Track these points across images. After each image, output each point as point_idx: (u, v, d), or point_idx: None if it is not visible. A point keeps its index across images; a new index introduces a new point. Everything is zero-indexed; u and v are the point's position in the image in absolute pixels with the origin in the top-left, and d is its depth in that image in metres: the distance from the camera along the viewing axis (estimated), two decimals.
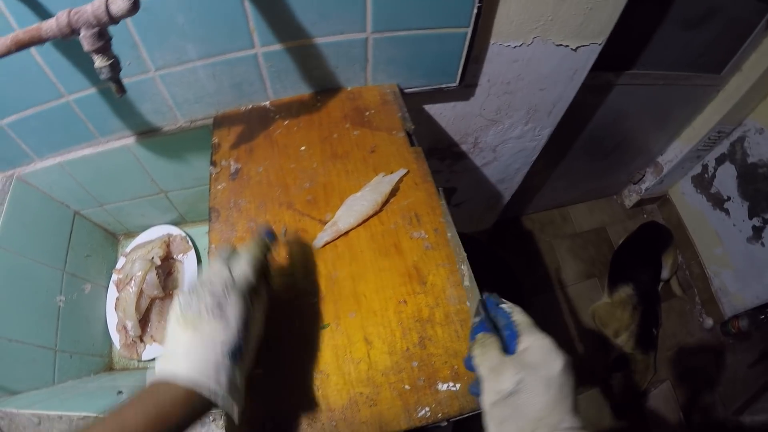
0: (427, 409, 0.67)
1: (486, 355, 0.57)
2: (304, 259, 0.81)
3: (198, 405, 0.54)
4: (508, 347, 0.58)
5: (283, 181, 0.91)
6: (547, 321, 2.19)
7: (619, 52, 1.35)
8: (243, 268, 0.65)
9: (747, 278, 2.12)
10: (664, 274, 2.29)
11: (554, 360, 0.54)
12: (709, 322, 2.31)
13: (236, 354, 0.58)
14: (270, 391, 0.71)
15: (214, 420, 0.79)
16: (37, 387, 1.08)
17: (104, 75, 0.69)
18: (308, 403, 0.69)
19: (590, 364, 2.16)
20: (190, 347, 0.56)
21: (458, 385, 0.68)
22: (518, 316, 0.60)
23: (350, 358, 0.71)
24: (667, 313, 2.31)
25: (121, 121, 1.04)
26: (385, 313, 0.74)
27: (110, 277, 1.40)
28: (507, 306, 0.62)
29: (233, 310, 0.60)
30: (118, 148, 1.11)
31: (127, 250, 1.41)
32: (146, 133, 1.08)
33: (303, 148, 0.95)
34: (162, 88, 0.96)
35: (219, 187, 0.93)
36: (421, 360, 0.70)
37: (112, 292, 1.37)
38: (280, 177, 0.92)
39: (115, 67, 0.70)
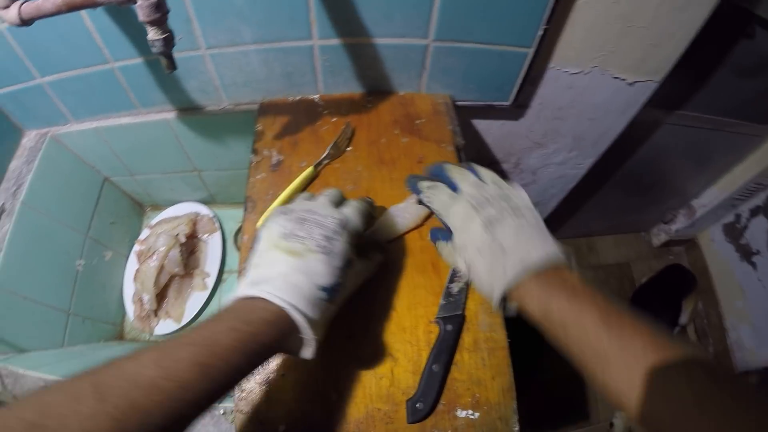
0: None
1: (438, 193, 0.68)
2: None
3: (285, 330, 0.53)
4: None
5: (325, 180, 0.89)
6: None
7: (672, 92, 1.32)
8: (354, 216, 0.66)
9: (765, 336, 2.07)
10: (683, 319, 2.24)
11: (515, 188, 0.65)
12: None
13: (332, 292, 0.58)
14: (288, 393, 0.69)
15: (224, 413, 0.77)
16: (45, 347, 1.08)
17: (156, 48, 0.68)
18: (325, 411, 0.68)
19: (594, 401, 2.12)
20: (289, 272, 0.56)
21: (477, 414, 0.66)
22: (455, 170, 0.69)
23: (373, 371, 0.70)
24: None
25: (164, 94, 1.03)
26: (414, 331, 0.72)
27: (132, 247, 1.40)
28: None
29: (340, 250, 0.61)
30: (157, 121, 1.10)
31: (153, 222, 1.41)
32: (188, 110, 1.07)
33: (349, 148, 0.93)
34: (210, 68, 0.95)
35: (258, 176, 0.91)
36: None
37: (132, 263, 1.37)
38: (323, 175, 0.90)
39: (168, 41, 0.68)
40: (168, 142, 1.18)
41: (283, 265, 0.57)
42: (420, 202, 0.73)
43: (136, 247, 1.39)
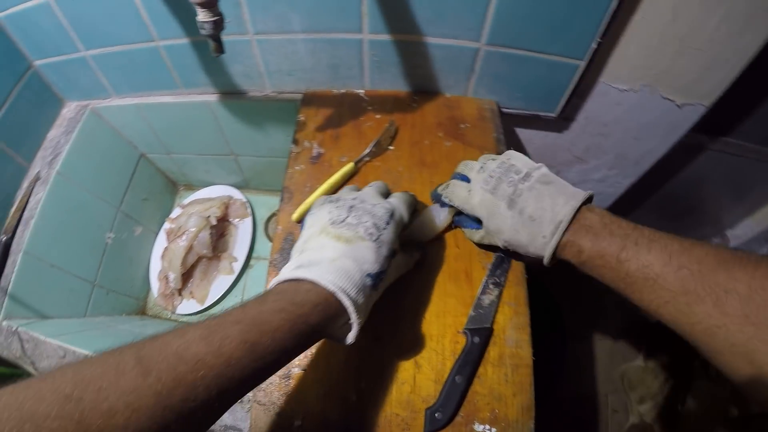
0: None
1: (455, 189, 0.73)
2: None
3: (332, 313, 0.53)
4: None
5: (364, 178, 0.88)
6: (578, 367, 2.12)
7: (719, 118, 1.29)
8: (401, 207, 0.67)
9: None
10: None
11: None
12: (734, 411, 2.21)
13: (377, 280, 0.59)
14: (308, 389, 0.69)
15: (240, 402, 0.77)
16: (68, 316, 1.09)
17: (206, 31, 0.68)
18: (343, 411, 0.67)
19: (606, 423, 2.09)
20: (338, 257, 0.56)
21: (494, 430, 0.65)
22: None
23: (396, 377, 0.69)
24: (694, 393, 2.22)
25: (207, 76, 1.04)
26: (441, 339, 0.71)
27: (162, 224, 1.42)
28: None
29: (387, 238, 0.61)
30: (198, 102, 1.11)
31: (185, 202, 1.42)
32: (230, 94, 1.08)
33: (391, 147, 0.91)
34: (257, 53, 0.95)
35: (297, 168, 0.90)
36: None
37: (161, 240, 1.38)
38: (362, 173, 0.89)
39: (218, 24, 0.68)
40: (207, 123, 1.18)
41: (332, 250, 0.57)
42: (443, 204, 0.75)
43: (166, 225, 1.40)
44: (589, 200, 0.64)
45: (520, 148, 1.19)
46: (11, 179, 1.06)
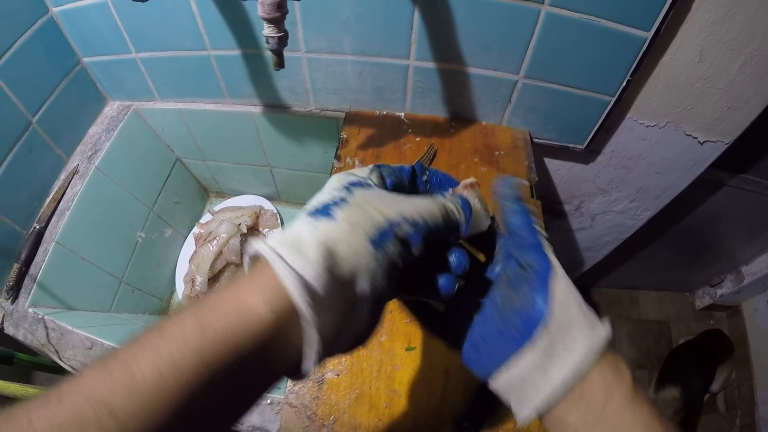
0: None
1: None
2: None
3: None
4: None
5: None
6: None
7: (738, 155, 1.32)
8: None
9: None
10: (715, 386, 2.19)
11: None
12: None
13: None
14: (340, 393, 0.71)
15: (270, 403, 0.79)
16: (93, 309, 1.11)
17: (270, 45, 0.71)
18: (373, 416, 0.70)
19: None
20: None
21: None
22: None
23: (426, 385, 0.71)
24: (703, 427, 2.22)
25: (254, 88, 1.07)
26: None
27: (191, 228, 1.45)
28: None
29: None
30: (241, 112, 1.14)
31: (216, 208, 1.45)
32: (274, 107, 1.11)
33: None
34: (305, 70, 0.99)
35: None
36: None
37: (189, 243, 1.41)
38: None
39: (282, 40, 0.71)
40: (247, 134, 1.22)
41: None
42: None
43: (195, 230, 1.43)
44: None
45: (546, 177, 1.22)
46: (50, 170, 1.07)
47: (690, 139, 1.04)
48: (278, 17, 0.68)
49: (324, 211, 0.36)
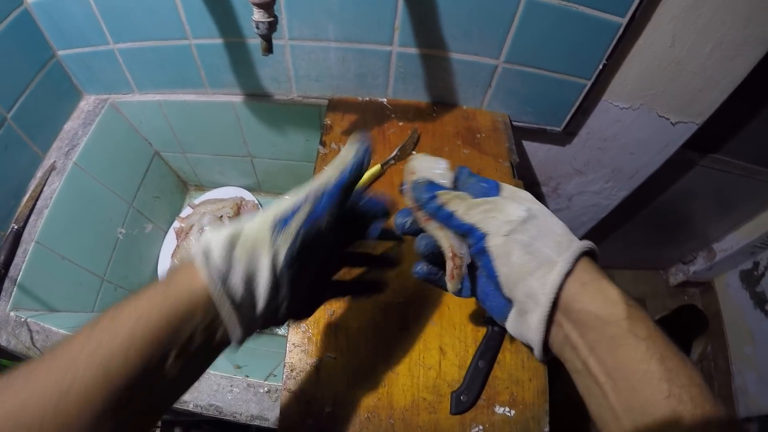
0: (480, 427, 0.69)
1: (466, 201, 0.49)
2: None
3: None
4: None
5: (389, 179, 0.93)
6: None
7: (708, 135, 1.36)
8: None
9: None
10: (691, 359, 2.25)
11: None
12: None
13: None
14: (338, 377, 0.72)
15: (268, 392, 0.80)
16: (75, 310, 1.08)
17: (260, 31, 0.71)
18: (373, 397, 0.71)
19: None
20: None
21: (513, 412, 0.70)
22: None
23: (422, 363, 0.73)
24: None
25: (235, 78, 1.06)
26: (464, 328, 0.76)
27: (171, 223, 1.43)
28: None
29: None
30: (222, 102, 1.13)
31: (196, 201, 1.43)
32: (256, 96, 1.10)
33: (414, 152, 0.96)
34: (288, 58, 0.99)
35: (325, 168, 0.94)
36: None
37: (171, 238, 1.40)
38: (387, 174, 0.94)
39: (272, 26, 0.72)
40: (228, 124, 1.20)
41: None
42: None
43: (176, 224, 1.42)
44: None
45: (524, 159, 1.25)
46: (26, 167, 1.04)
47: (663, 120, 1.07)
48: (268, 2, 0.69)
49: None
